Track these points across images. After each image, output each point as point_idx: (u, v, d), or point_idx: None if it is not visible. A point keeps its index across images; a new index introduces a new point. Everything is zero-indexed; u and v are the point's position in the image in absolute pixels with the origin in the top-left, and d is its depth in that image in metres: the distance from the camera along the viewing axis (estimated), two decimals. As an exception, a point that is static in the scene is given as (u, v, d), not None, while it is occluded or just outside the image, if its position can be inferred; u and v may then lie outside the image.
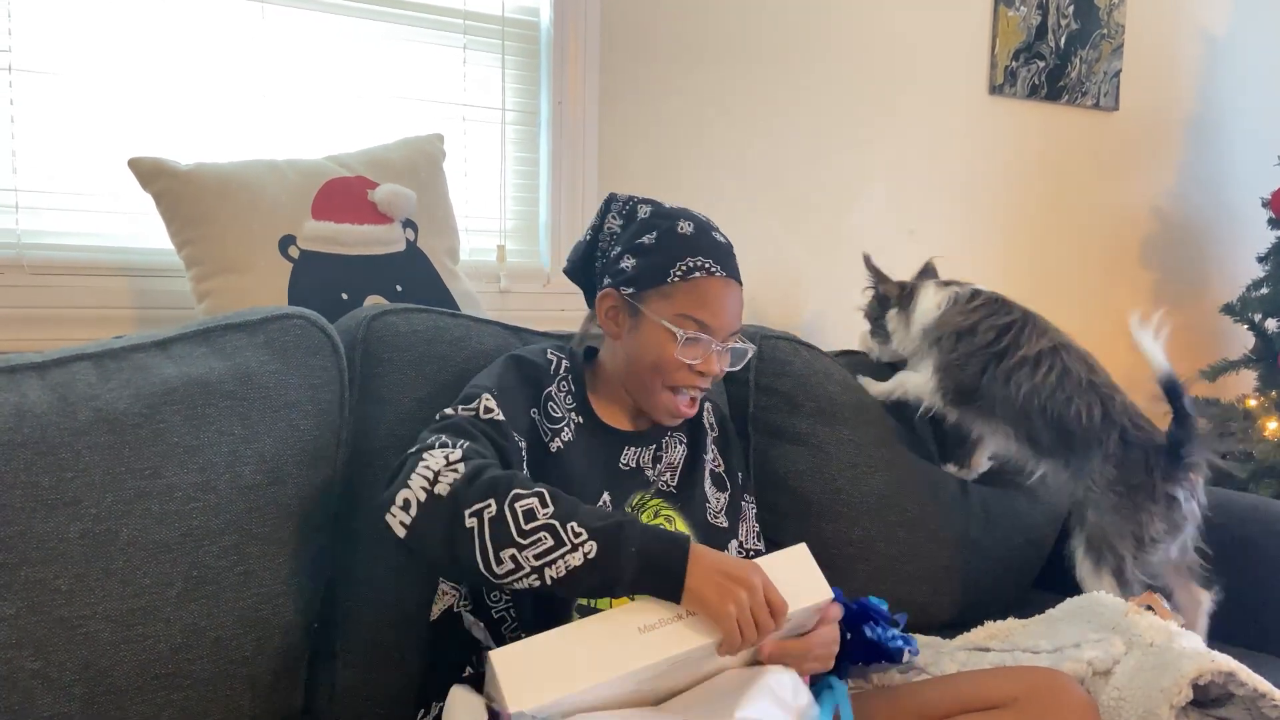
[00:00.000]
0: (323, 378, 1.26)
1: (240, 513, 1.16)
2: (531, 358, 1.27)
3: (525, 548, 1.00)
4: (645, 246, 1.25)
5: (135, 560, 1.09)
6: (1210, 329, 2.90)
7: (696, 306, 1.22)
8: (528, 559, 1.00)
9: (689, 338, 1.21)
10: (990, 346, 1.63)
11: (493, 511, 1.00)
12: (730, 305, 1.25)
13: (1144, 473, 1.53)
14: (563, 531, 1.01)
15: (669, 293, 1.23)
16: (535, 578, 1.00)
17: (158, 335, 1.20)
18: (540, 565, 1.00)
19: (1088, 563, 1.54)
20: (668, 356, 1.22)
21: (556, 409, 1.24)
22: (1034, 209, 2.56)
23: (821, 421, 1.66)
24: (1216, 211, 2.92)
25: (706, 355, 1.23)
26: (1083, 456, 1.58)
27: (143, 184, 1.40)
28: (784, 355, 1.69)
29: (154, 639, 1.10)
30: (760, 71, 2.10)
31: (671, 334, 1.21)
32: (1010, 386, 1.60)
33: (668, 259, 1.23)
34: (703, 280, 1.23)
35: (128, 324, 1.50)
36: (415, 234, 1.56)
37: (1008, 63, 2.44)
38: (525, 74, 1.87)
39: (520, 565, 1.00)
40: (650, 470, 1.29)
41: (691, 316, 1.22)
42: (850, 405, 1.70)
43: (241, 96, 1.61)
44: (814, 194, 2.21)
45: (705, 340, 1.23)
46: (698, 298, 1.22)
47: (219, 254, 1.40)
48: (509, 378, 1.21)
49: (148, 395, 1.13)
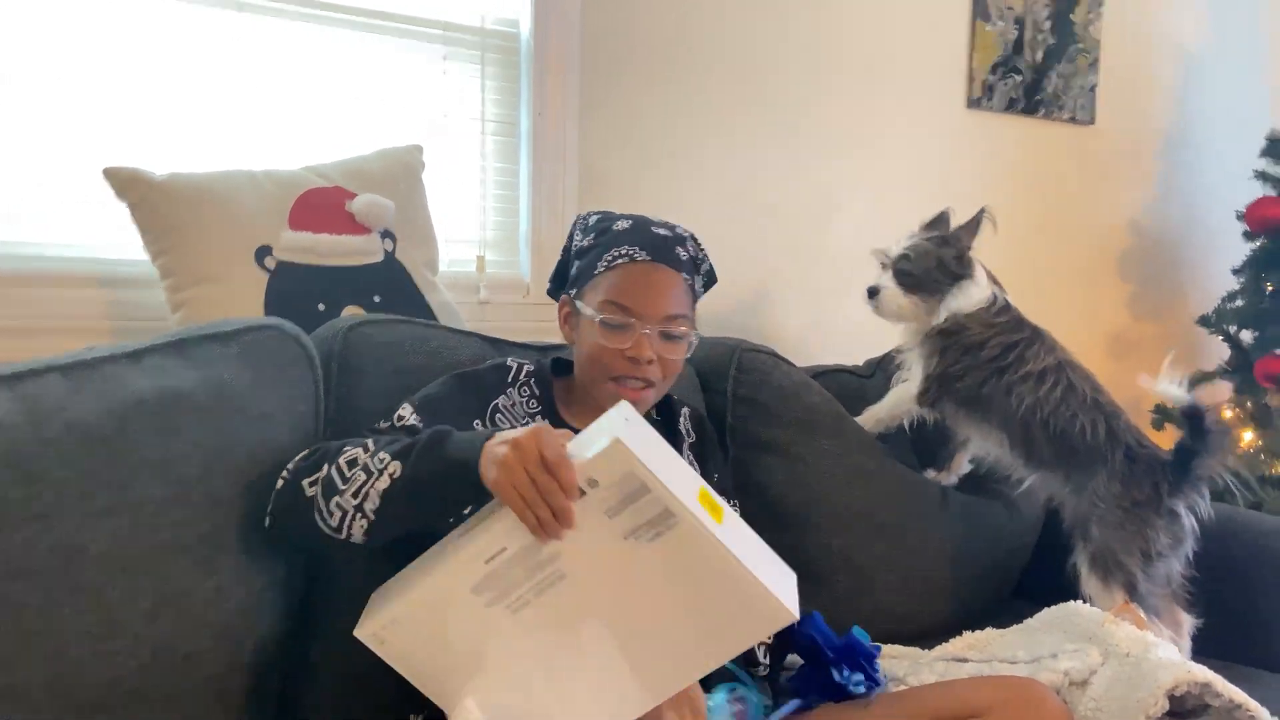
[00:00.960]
0: (298, 390, 1.25)
1: (212, 527, 1.14)
2: (478, 373, 1.27)
3: (344, 490, 1.03)
4: (585, 249, 1.29)
5: (105, 575, 1.07)
6: (1186, 340, 2.92)
7: (619, 292, 1.23)
8: (348, 501, 1.02)
9: (613, 324, 1.22)
10: (995, 361, 1.63)
11: (324, 473, 1.05)
12: (658, 289, 1.24)
13: (1150, 488, 1.54)
14: (372, 462, 1.03)
15: (596, 284, 1.25)
16: (360, 518, 1.02)
17: (130, 346, 1.18)
18: (359, 502, 1.02)
19: (1094, 579, 1.54)
20: (599, 345, 1.23)
21: (507, 418, 1.24)
22: (1012, 222, 2.56)
23: (801, 432, 1.66)
24: (1192, 224, 2.95)
25: (635, 340, 1.22)
26: (1085, 472, 1.59)
27: (118, 193, 1.39)
28: (763, 367, 1.69)
29: (123, 655, 1.08)
30: (740, 84, 2.11)
31: (598, 324, 1.22)
32: (1011, 398, 1.61)
33: (600, 254, 1.26)
34: (625, 266, 1.24)
35: (102, 335, 1.48)
36: (394, 245, 1.55)
37: (985, 76, 2.46)
38: (505, 85, 1.87)
39: (344, 510, 1.02)
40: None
41: (615, 302, 1.23)
42: (830, 415, 1.70)
43: (219, 106, 1.60)
44: (793, 206, 2.21)
45: (631, 324, 1.22)
46: (621, 284, 1.23)
47: (194, 264, 1.39)
48: (442, 392, 1.22)
49: (119, 407, 1.11)
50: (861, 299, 1.98)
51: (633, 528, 0.94)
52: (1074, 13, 2.59)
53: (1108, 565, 1.53)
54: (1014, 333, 1.66)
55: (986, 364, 1.63)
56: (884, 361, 1.93)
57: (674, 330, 1.25)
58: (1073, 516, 1.62)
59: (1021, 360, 1.62)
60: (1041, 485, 1.67)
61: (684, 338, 1.27)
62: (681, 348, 1.27)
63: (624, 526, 0.94)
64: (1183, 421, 1.57)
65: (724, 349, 1.70)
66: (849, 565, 1.63)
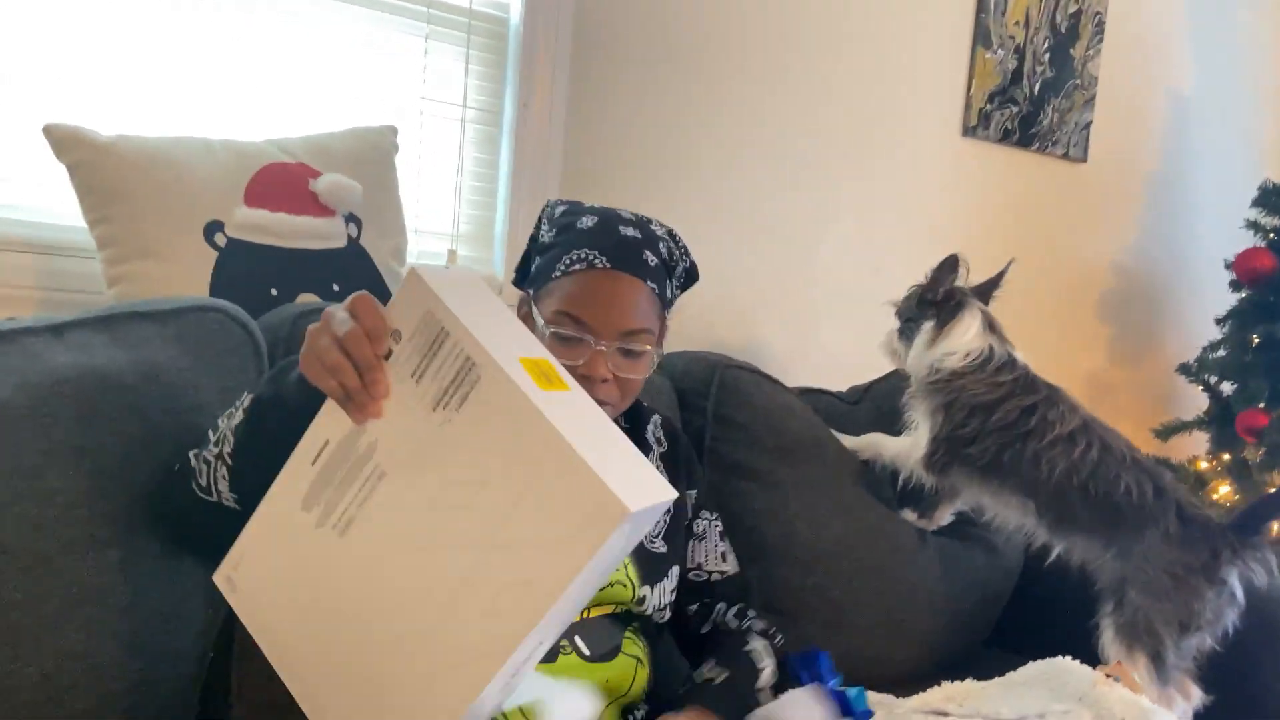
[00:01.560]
0: (239, 379, 1.13)
1: (131, 524, 1.02)
2: None
3: (208, 443, 0.94)
4: (546, 244, 1.15)
5: (6, 572, 0.95)
6: (1163, 388, 2.89)
7: (572, 303, 1.08)
8: (210, 451, 0.93)
9: (564, 336, 1.07)
10: (1014, 427, 1.52)
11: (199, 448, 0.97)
12: (618, 300, 1.09)
13: (1208, 553, 1.43)
14: (233, 410, 0.94)
15: (551, 289, 1.10)
16: (220, 466, 0.92)
17: (53, 319, 1.07)
18: (220, 449, 0.92)
19: (1119, 643, 1.44)
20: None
21: None
22: (996, 253, 2.48)
23: (781, 459, 1.57)
24: (1176, 270, 2.92)
25: (589, 357, 1.07)
26: (1132, 535, 1.47)
27: (57, 153, 1.27)
28: (745, 387, 1.60)
29: (22, 663, 0.96)
30: (736, 91, 2.02)
31: (548, 336, 1.08)
32: (1042, 465, 1.49)
33: (559, 254, 1.11)
34: (582, 274, 1.09)
35: (29, 305, 1.36)
36: (358, 230, 1.44)
37: (982, 105, 2.40)
38: (490, 71, 1.77)
39: (208, 461, 0.93)
40: None
41: (567, 313, 1.08)
42: (811, 443, 1.61)
43: (180, 70, 1.48)
44: (783, 223, 2.13)
45: (585, 340, 1.07)
46: (575, 292, 1.08)
47: (136, 236, 1.27)
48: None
49: (35, 385, 1.00)
50: (846, 323, 1.92)
51: (439, 392, 0.77)
52: (1074, 47, 2.54)
53: (1138, 632, 1.43)
54: (1029, 394, 1.54)
55: (1004, 429, 1.52)
56: (870, 389, 1.85)
57: (634, 346, 1.10)
58: (1109, 580, 1.50)
59: (1046, 424, 1.51)
60: (1075, 551, 1.55)
61: (644, 355, 1.12)
62: (642, 365, 1.12)
63: (431, 392, 0.77)
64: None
65: (706, 365, 1.61)
66: (823, 602, 1.54)
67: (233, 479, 0.92)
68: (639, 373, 1.12)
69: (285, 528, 0.84)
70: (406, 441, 0.79)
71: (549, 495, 0.75)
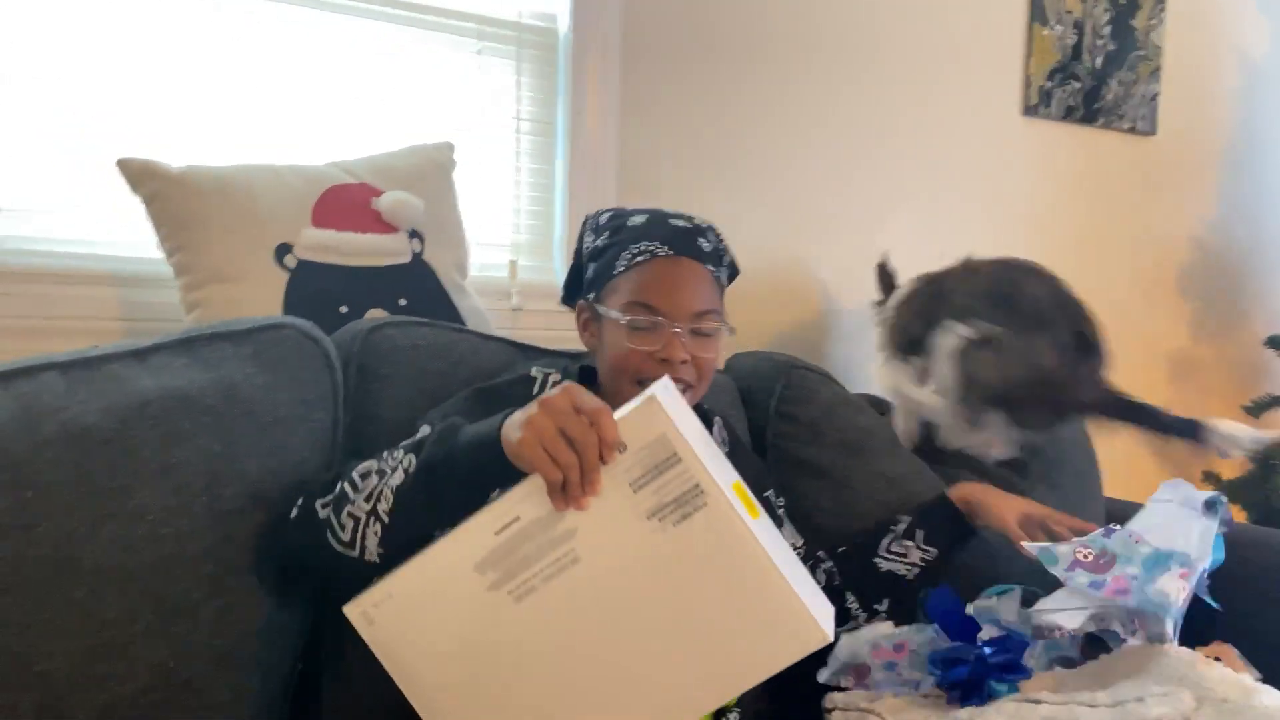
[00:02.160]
0: (315, 393, 1.16)
1: (218, 540, 1.05)
2: (498, 387, 1.17)
3: (356, 499, 0.94)
4: (600, 249, 1.20)
5: (99, 590, 0.98)
6: (1253, 362, 2.78)
7: (643, 291, 1.13)
8: (360, 507, 0.93)
9: (641, 325, 1.12)
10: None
11: (336, 491, 0.97)
12: (685, 284, 1.15)
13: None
14: (386, 464, 0.94)
15: (617, 285, 1.16)
16: (373, 522, 0.93)
17: (135, 344, 1.10)
18: (372, 505, 0.93)
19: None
20: (625, 350, 1.13)
21: None
22: (1067, 234, 2.45)
23: (846, 454, 1.54)
24: (1257, 241, 2.81)
25: (666, 340, 1.12)
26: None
27: (132, 186, 1.31)
28: (812, 385, 1.58)
29: (118, 679, 0.99)
30: (789, 86, 2.01)
31: (624, 326, 1.13)
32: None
33: (617, 253, 1.17)
34: (647, 264, 1.15)
35: (114, 335, 1.40)
36: (422, 245, 1.46)
37: (1042, 83, 2.35)
38: (542, 82, 1.79)
39: (357, 518, 0.93)
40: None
41: (640, 302, 1.13)
42: (880, 438, 1.58)
43: (243, 100, 1.53)
44: (845, 214, 2.11)
45: (660, 324, 1.12)
46: (644, 282, 1.14)
47: (210, 261, 1.31)
48: (461, 408, 1.11)
49: (120, 408, 1.03)
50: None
51: (658, 506, 0.85)
52: (1135, 18, 2.47)
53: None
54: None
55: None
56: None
57: (704, 327, 1.16)
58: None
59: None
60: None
61: (715, 333, 1.17)
62: (714, 344, 1.18)
63: (648, 503, 0.85)
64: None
65: (773, 365, 1.60)
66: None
67: (385, 535, 0.94)
68: (711, 352, 1.17)
69: (450, 583, 0.88)
70: (610, 538, 0.86)
71: (751, 612, 0.86)
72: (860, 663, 1.28)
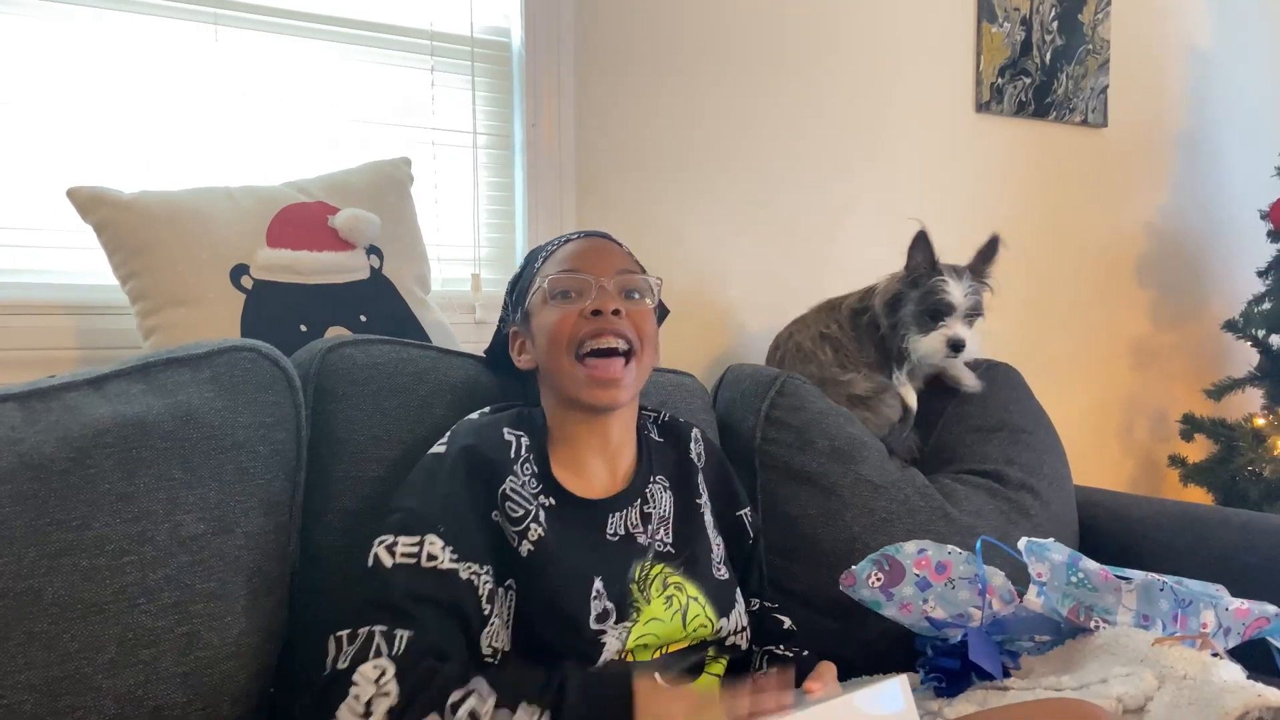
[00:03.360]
0: (275, 415, 1.15)
1: (181, 566, 1.05)
2: (485, 448, 1.10)
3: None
4: (516, 277, 1.26)
5: (61, 622, 0.97)
6: (1212, 347, 2.83)
7: (562, 263, 1.17)
8: None
9: (562, 290, 1.15)
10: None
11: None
12: (603, 252, 1.18)
13: None
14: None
15: (539, 283, 1.18)
16: None
17: (91, 373, 1.10)
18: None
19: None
20: (558, 316, 1.14)
21: (517, 505, 1.08)
22: (1026, 229, 2.49)
23: (836, 460, 1.54)
24: (1212, 226, 2.86)
25: (596, 294, 1.13)
26: None
27: (82, 214, 1.30)
28: (804, 393, 1.59)
29: (84, 710, 0.98)
30: (742, 93, 2.03)
31: (551, 297, 1.15)
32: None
33: (534, 262, 1.22)
34: (559, 249, 1.20)
35: (73, 364, 1.39)
36: (380, 261, 1.46)
37: (994, 79, 2.38)
38: (497, 96, 1.79)
39: None
40: (641, 533, 1.17)
41: (561, 270, 1.16)
42: (870, 447, 1.59)
43: (195, 124, 1.52)
44: (802, 218, 2.13)
45: (585, 280, 1.14)
46: (563, 255, 1.18)
47: (165, 286, 1.30)
48: (455, 491, 1.06)
49: (77, 438, 1.02)
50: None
51: None
52: (1081, 12, 2.51)
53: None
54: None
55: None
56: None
57: (632, 285, 1.17)
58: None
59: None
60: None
61: (645, 293, 1.18)
62: (647, 307, 1.18)
63: None
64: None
65: (768, 375, 1.61)
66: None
67: None
68: (644, 311, 1.17)
69: None
70: None
71: None
72: (899, 563, 1.32)
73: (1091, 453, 2.59)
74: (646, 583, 1.13)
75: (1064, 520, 1.75)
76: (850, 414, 1.63)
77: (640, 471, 1.21)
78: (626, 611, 1.09)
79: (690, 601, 1.15)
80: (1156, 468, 2.74)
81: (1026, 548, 1.31)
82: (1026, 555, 1.30)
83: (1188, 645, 1.19)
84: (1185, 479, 2.56)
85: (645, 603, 1.12)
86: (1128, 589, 1.29)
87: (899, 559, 1.35)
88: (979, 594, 1.33)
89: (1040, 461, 1.74)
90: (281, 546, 1.15)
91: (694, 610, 1.15)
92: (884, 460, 1.60)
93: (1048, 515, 1.70)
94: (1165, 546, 1.71)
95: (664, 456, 1.26)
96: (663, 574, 1.15)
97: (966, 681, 1.27)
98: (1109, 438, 2.71)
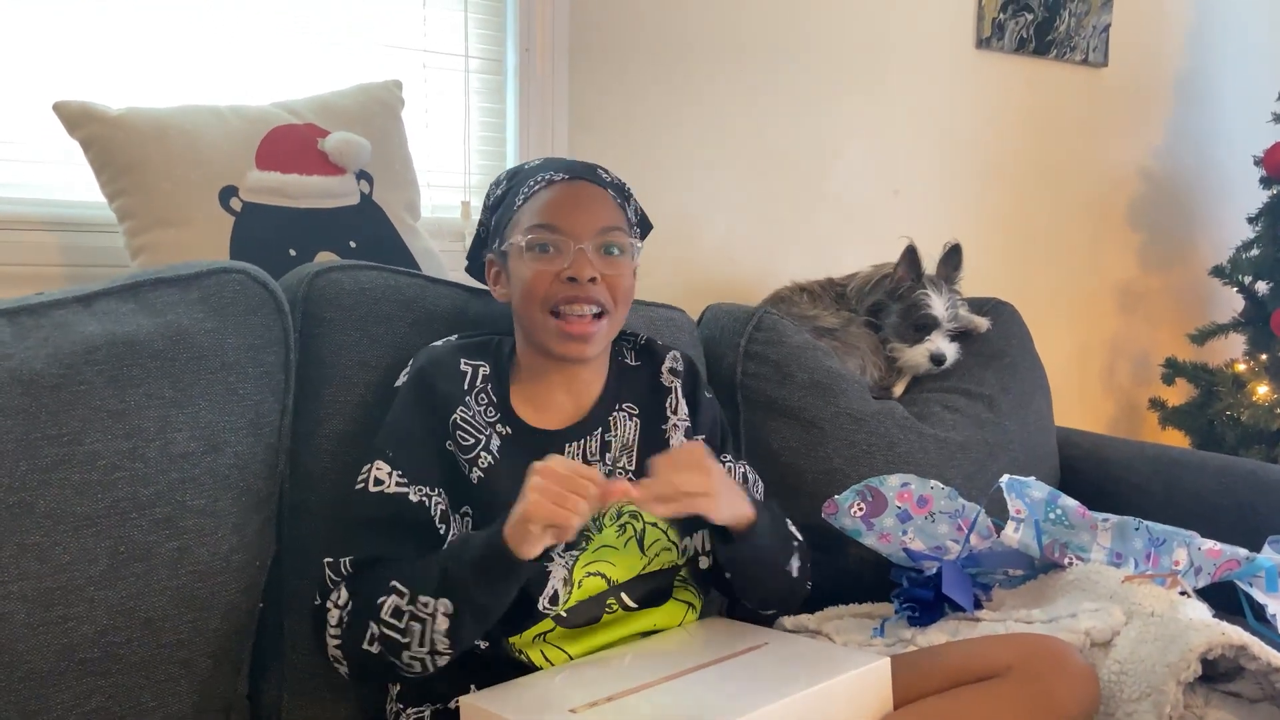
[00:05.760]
0: (264, 338, 1.16)
1: (172, 483, 1.06)
2: (437, 378, 1.14)
3: (409, 643, 0.99)
4: (499, 197, 1.22)
5: (54, 534, 0.99)
6: (1198, 292, 2.84)
7: (543, 213, 1.14)
8: (419, 651, 0.99)
9: (540, 245, 1.13)
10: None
11: (376, 631, 1.00)
12: (586, 203, 1.15)
13: None
14: (417, 609, 0.98)
15: (518, 218, 1.16)
16: (440, 657, 1.00)
17: (80, 290, 1.10)
18: (430, 648, 0.99)
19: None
20: (533, 273, 1.13)
21: (468, 434, 1.11)
22: (1020, 167, 2.48)
23: (816, 394, 1.55)
24: (1205, 171, 2.85)
25: (573, 258, 1.12)
26: None
27: (69, 129, 1.29)
28: (782, 328, 1.59)
29: (76, 620, 1.00)
30: (741, 23, 1.99)
31: (528, 252, 1.14)
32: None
33: (515, 192, 1.18)
34: (543, 190, 1.16)
35: (58, 282, 1.38)
36: (370, 186, 1.45)
37: (995, 15, 2.35)
38: (490, 19, 1.76)
39: (421, 659, 1.00)
40: (599, 462, 1.17)
41: (541, 224, 1.13)
42: (849, 380, 1.60)
43: (184, 40, 1.49)
44: (795, 151, 2.11)
45: (564, 242, 1.12)
46: (543, 204, 1.15)
47: (154, 206, 1.29)
48: (405, 422, 1.12)
49: (68, 354, 1.03)
50: (867, 248, 1.91)
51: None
52: (1087, -52, 2.47)
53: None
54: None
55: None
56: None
57: (611, 242, 1.15)
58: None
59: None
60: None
61: (626, 250, 1.17)
62: (625, 265, 1.17)
63: None
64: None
65: (745, 311, 1.61)
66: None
67: (456, 652, 1.01)
68: (623, 270, 1.17)
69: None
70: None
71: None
72: (882, 495, 1.36)
73: (1073, 394, 2.62)
74: (600, 511, 1.12)
75: (1044, 457, 1.78)
76: (828, 349, 1.65)
77: (604, 400, 1.21)
78: (576, 541, 1.09)
79: (648, 526, 1.16)
80: (1137, 410, 2.77)
81: (1008, 485, 1.34)
82: (1007, 492, 1.33)
83: (1158, 584, 1.22)
84: (1164, 422, 2.59)
85: (596, 531, 1.13)
86: (1104, 527, 1.32)
87: (882, 490, 1.38)
88: (958, 529, 1.36)
89: (1030, 397, 1.77)
90: (270, 466, 1.16)
91: (652, 535, 1.16)
92: (864, 393, 1.62)
93: (1027, 450, 1.73)
94: (1140, 490, 1.74)
95: (634, 383, 1.25)
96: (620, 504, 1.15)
97: (939, 612, 1.30)
98: (1091, 379, 2.74)
